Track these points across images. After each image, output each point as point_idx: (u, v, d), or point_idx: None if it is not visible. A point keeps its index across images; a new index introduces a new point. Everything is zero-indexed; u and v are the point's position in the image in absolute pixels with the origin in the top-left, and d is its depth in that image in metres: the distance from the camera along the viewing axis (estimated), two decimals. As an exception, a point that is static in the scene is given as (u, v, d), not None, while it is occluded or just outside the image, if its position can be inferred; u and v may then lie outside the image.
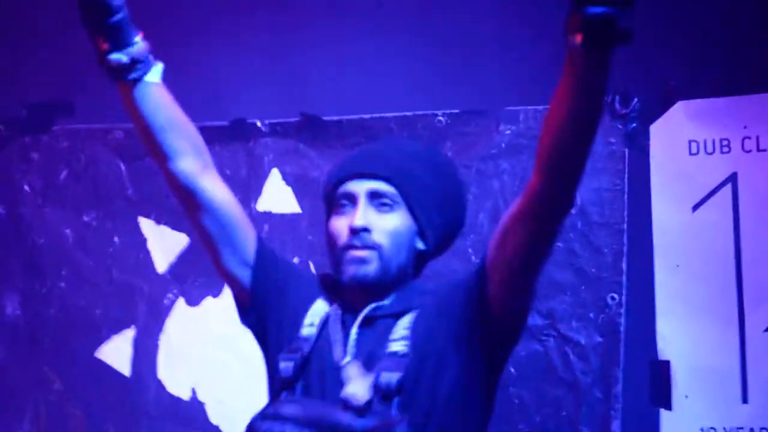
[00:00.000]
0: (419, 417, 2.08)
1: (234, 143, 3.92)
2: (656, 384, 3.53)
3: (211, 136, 3.85)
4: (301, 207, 3.88)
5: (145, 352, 4.00)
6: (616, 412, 3.52)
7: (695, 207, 3.55)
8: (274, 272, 2.28)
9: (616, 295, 3.55)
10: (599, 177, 3.57)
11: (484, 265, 2.10)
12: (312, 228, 3.85)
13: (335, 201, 2.22)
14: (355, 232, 2.14)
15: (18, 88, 4.18)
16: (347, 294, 2.20)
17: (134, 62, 2.10)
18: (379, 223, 2.17)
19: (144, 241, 4.04)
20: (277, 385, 2.20)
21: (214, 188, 2.23)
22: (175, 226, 3.97)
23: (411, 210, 2.20)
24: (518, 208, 2.03)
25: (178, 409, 3.93)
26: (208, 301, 3.95)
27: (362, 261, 2.14)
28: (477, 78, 3.71)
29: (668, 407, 3.49)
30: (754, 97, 3.51)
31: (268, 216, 3.89)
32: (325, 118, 3.86)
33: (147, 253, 4.03)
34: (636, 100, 3.58)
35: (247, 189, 3.90)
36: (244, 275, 2.27)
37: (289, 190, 3.90)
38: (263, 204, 3.90)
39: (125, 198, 4.06)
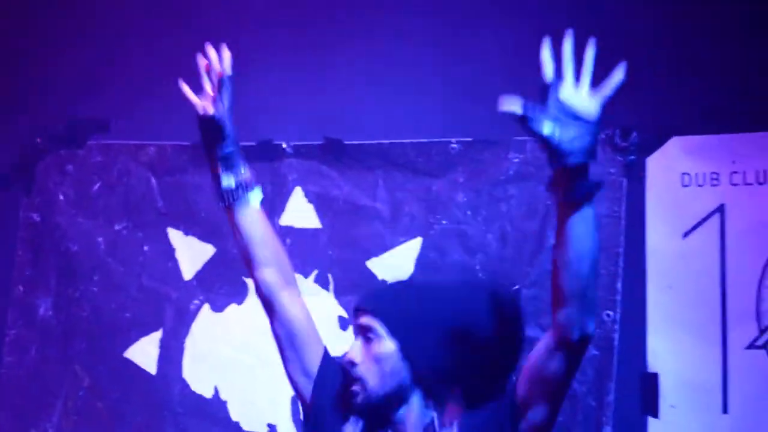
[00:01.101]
0: None
1: (260, 162, 3.99)
2: (645, 394, 3.64)
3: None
4: (322, 223, 4.02)
5: (171, 354, 4.13)
6: (608, 419, 3.64)
7: (686, 234, 3.66)
8: (332, 389, 2.38)
9: (611, 313, 3.67)
10: (599, 204, 3.47)
11: (515, 399, 2.23)
12: (331, 243, 4.00)
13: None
14: (348, 363, 2.32)
15: (57, 103, 4.32)
16: None
17: (239, 188, 2.45)
18: (366, 355, 2.30)
19: (172, 250, 4.17)
20: None
21: (291, 303, 2.46)
22: (203, 238, 4.12)
23: (396, 337, 2.29)
24: (548, 344, 2.18)
25: (201, 407, 4.06)
26: (232, 308, 4.08)
27: (353, 393, 2.31)
28: (489, 109, 3.72)
29: (656, 416, 3.61)
30: (742, 135, 3.63)
31: (290, 230, 4.02)
32: (346, 142, 4.00)
33: (175, 261, 4.16)
34: (634, 134, 3.70)
35: (272, 205, 4.01)
36: (306, 386, 2.43)
37: (311, 207, 4.04)
38: (286, 219, 4.04)
39: (155, 210, 4.19)
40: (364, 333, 2.33)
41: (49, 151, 4.34)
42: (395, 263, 3.91)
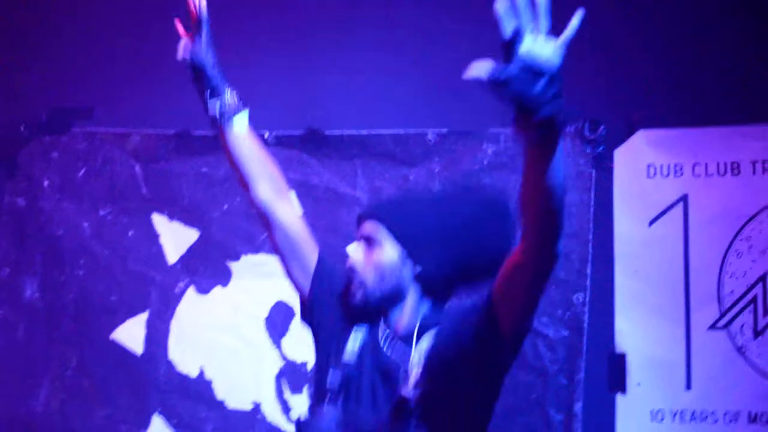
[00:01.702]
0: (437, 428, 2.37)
1: (243, 151, 4.20)
2: (613, 373, 3.77)
3: (220, 145, 4.21)
4: (303, 210, 3.97)
5: (156, 335, 4.20)
6: (579, 396, 3.77)
7: (651, 222, 3.80)
8: (329, 285, 2.59)
9: (581, 296, 3.80)
10: (569, 193, 3.70)
11: (491, 301, 2.33)
12: (312, 229, 3.98)
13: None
14: (349, 268, 2.50)
15: (39, 91, 4.37)
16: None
17: (226, 113, 2.64)
18: (366, 258, 2.47)
19: (157, 235, 4.24)
20: (323, 389, 2.49)
21: (286, 213, 2.64)
22: (187, 222, 4.20)
23: (400, 241, 2.45)
24: (516, 262, 2.25)
25: (186, 386, 4.14)
26: (217, 290, 4.17)
27: (351, 293, 2.48)
28: (464, 102, 3.84)
29: (623, 392, 3.75)
30: (705, 129, 3.78)
31: None
32: (326, 132, 4.10)
33: (159, 246, 4.24)
34: (602, 127, 3.83)
35: None
36: (306, 284, 2.61)
37: (292, 194, 4.03)
38: None
39: (140, 196, 4.27)
40: (368, 241, 2.49)
41: (32, 138, 4.39)
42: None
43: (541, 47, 1.92)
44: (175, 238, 4.25)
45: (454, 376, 2.39)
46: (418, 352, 2.43)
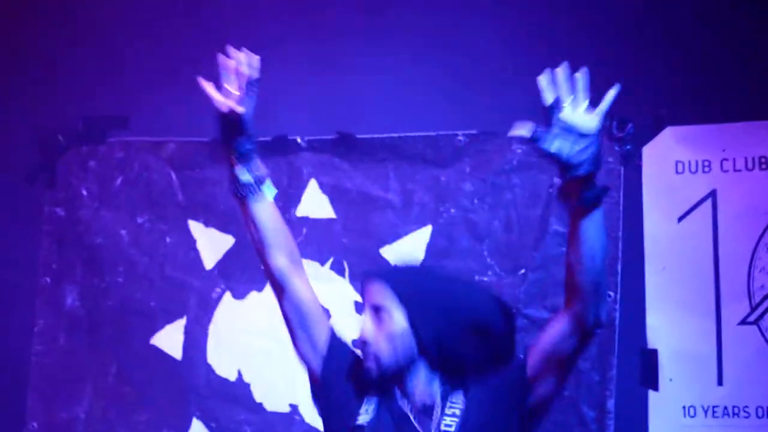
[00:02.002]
0: None
1: (276, 157, 4.16)
2: (645, 369, 3.78)
3: (257, 150, 4.27)
4: (336, 213, 4.17)
5: (195, 339, 4.25)
6: (611, 393, 3.79)
7: (680, 218, 3.81)
8: (340, 362, 2.55)
9: (611, 293, 3.77)
10: None
11: (525, 370, 2.44)
12: (345, 231, 4.15)
13: None
14: (362, 342, 2.50)
15: (77, 101, 4.42)
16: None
17: (256, 182, 2.59)
18: (377, 330, 2.46)
19: (193, 241, 4.29)
20: None
21: (301, 286, 2.59)
22: (222, 229, 4.25)
23: (405, 306, 2.45)
24: (563, 330, 2.41)
25: (225, 389, 4.19)
26: (253, 295, 4.21)
27: (367, 368, 2.49)
28: (494, 103, 3.93)
29: (655, 389, 3.75)
30: (732, 125, 3.79)
31: (305, 221, 4.18)
32: (358, 136, 4.14)
33: (196, 252, 4.29)
34: (630, 125, 3.85)
35: (288, 197, 4.16)
36: (314, 360, 2.57)
37: (325, 198, 4.18)
38: (302, 210, 4.19)
39: (176, 203, 4.32)
40: (376, 311, 2.48)
41: (70, 148, 4.46)
42: (407, 250, 4.06)
43: (580, 115, 2.28)
44: (211, 244, 4.30)
45: None
46: (443, 424, 2.44)
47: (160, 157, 4.37)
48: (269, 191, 2.61)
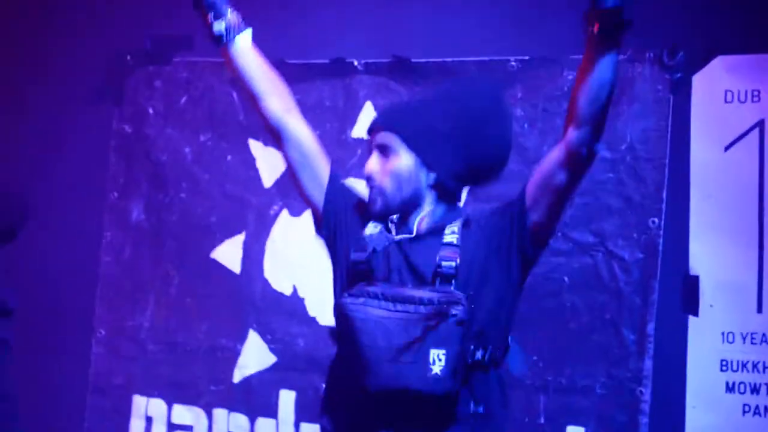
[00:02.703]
0: (472, 294, 2.54)
1: (333, 79, 4.28)
2: (687, 295, 3.80)
3: (314, 73, 4.31)
4: None
5: (253, 254, 4.39)
6: (652, 317, 3.83)
7: (727, 147, 3.81)
8: (342, 197, 2.73)
9: (656, 219, 3.85)
10: (647, 118, 3.88)
11: (524, 199, 2.55)
12: None
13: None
14: (367, 178, 2.66)
15: (144, 22, 4.55)
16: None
17: (229, 30, 2.71)
18: (383, 167, 2.61)
19: (253, 160, 4.41)
20: (352, 275, 2.62)
21: (297, 126, 2.75)
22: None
23: (414, 150, 2.59)
24: (558, 157, 2.49)
25: (281, 303, 4.32)
26: (308, 213, 4.16)
27: (372, 200, 2.65)
28: (545, 29, 3.95)
29: (696, 314, 3.79)
30: None
31: (361, 142, 4.25)
32: (413, 60, 4.20)
33: (256, 170, 4.41)
34: (681, 53, 3.87)
35: (344, 118, 4.28)
36: (318, 198, 2.74)
37: None
38: (357, 131, 4.28)
39: (237, 122, 4.43)
40: (381, 149, 2.62)
41: (138, 67, 4.61)
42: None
43: None
44: (269, 163, 4.39)
45: (486, 260, 2.58)
46: (450, 235, 2.57)
47: (223, 78, 4.46)
48: (245, 37, 2.72)
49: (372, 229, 2.66)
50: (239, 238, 4.43)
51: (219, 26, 2.71)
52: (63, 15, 4.65)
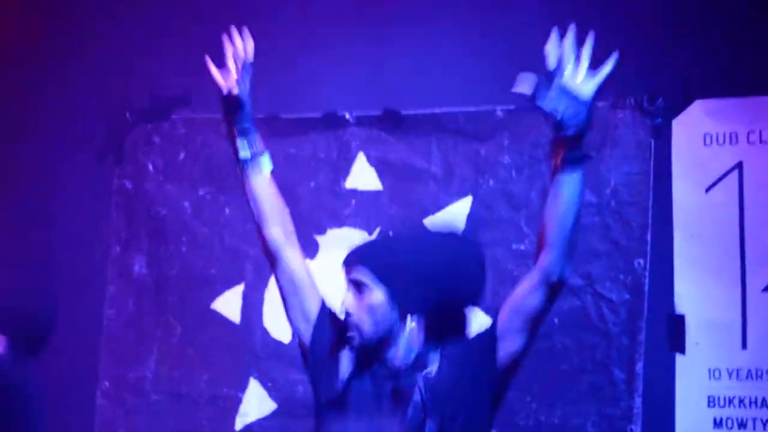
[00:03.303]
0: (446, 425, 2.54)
1: (326, 131, 4.39)
2: (673, 333, 3.86)
3: (308, 126, 4.43)
4: (383, 185, 4.34)
5: (252, 304, 4.45)
6: (640, 356, 3.89)
7: (708, 189, 3.90)
8: (329, 330, 2.71)
9: (641, 261, 3.92)
10: (629, 163, 3.98)
11: (495, 329, 2.58)
12: (391, 202, 4.32)
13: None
14: (345, 313, 2.66)
15: (143, 81, 4.64)
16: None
17: (254, 157, 2.82)
18: (358, 303, 2.62)
19: (250, 212, 4.54)
20: (325, 412, 2.69)
21: (293, 258, 2.79)
22: None
23: (385, 284, 2.60)
24: (531, 281, 2.54)
25: (280, 351, 4.36)
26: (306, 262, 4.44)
27: (350, 337, 2.63)
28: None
29: (682, 352, 3.84)
30: (758, 98, 3.87)
31: (354, 192, 4.36)
32: (403, 112, 4.32)
33: (253, 222, 4.51)
34: (660, 99, 3.96)
35: (337, 169, 4.39)
36: (306, 332, 2.74)
37: (372, 170, 4.35)
38: (351, 182, 4.38)
39: (235, 176, 4.28)
40: (356, 285, 2.63)
41: (137, 125, 4.70)
42: (449, 220, 4.21)
43: (578, 81, 2.45)
44: (266, 214, 4.48)
45: (460, 404, 2.59)
46: (421, 382, 2.59)
47: (220, 133, 4.50)
48: (266, 165, 2.82)
49: (345, 365, 2.69)
50: (238, 289, 4.50)
51: (245, 145, 2.79)
52: (63, 74, 4.74)
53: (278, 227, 2.82)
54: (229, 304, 4.52)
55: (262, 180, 2.81)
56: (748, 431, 3.80)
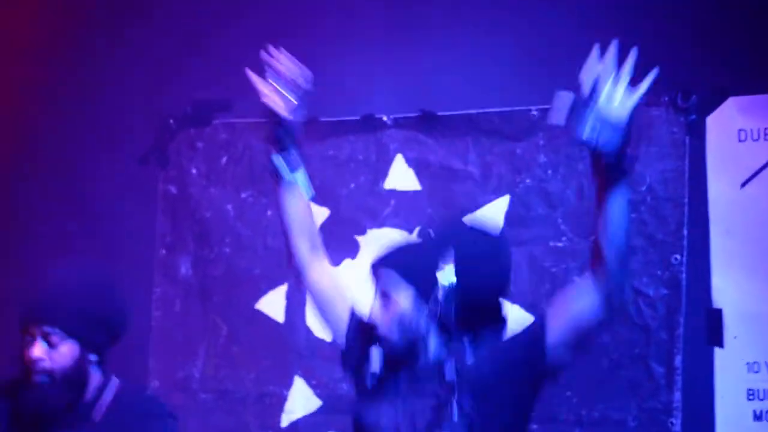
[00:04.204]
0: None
1: (365, 134, 4.47)
2: (711, 327, 3.90)
3: (347, 129, 4.51)
4: (421, 185, 4.41)
5: (295, 304, 4.52)
6: (679, 350, 3.94)
7: (743, 184, 3.93)
8: (363, 337, 2.78)
9: (678, 256, 3.97)
10: (664, 160, 4.03)
11: (545, 341, 2.59)
12: (430, 202, 4.39)
13: None
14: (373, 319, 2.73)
15: (185, 87, 4.74)
16: None
17: (291, 170, 2.89)
18: (384, 311, 2.68)
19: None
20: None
21: (319, 274, 2.89)
22: (319, 202, 4.41)
23: (412, 284, 2.67)
24: (589, 304, 2.55)
25: (323, 349, 4.41)
26: (346, 262, 4.44)
27: (382, 339, 2.69)
28: (566, 78, 4.02)
29: (721, 346, 3.88)
30: None
31: (393, 193, 4.44)
32: (439, 113, 4.38)
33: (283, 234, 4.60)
34: (695, 96, 4.00)
35: (376, 171, 4.46)
36: (339, 337, 2.86)
37: (411, 171, 4.41)
38: (389, 183, 4.45)
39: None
40: (383, 296, 2.69)
41: (180, 131, 4.80)
42: (487, 219, 4.28)
43: (613, 108, 2.40)
44: (307, 215, 4.56)
45: (498, 399, 2.63)
46: (453, 370, 2.62)
47: (260, 137, 4.53)
48: (300, 179, 2.89)
49: (375, 360, 2.73)
50: (282, 289, 4.58)
51: (282, 168, 2.88)
52: (110, 83, 4.84)
53: (305, 242, 2.91)
54: (273, 303, 4.60)
55: (293, 197, 2.89)
56: (788, 423, 3.83)
